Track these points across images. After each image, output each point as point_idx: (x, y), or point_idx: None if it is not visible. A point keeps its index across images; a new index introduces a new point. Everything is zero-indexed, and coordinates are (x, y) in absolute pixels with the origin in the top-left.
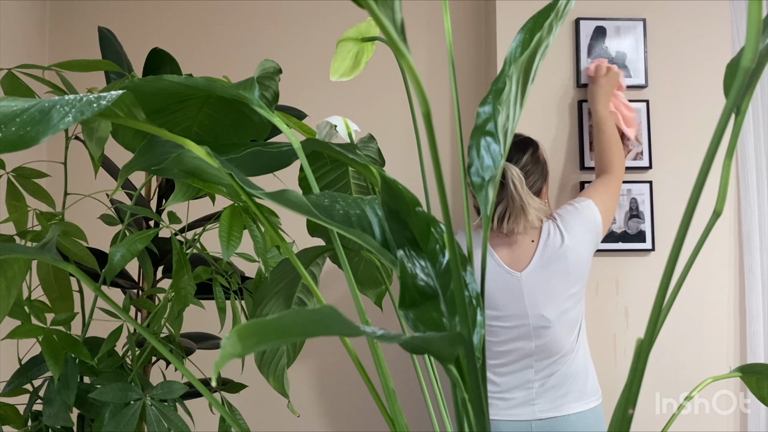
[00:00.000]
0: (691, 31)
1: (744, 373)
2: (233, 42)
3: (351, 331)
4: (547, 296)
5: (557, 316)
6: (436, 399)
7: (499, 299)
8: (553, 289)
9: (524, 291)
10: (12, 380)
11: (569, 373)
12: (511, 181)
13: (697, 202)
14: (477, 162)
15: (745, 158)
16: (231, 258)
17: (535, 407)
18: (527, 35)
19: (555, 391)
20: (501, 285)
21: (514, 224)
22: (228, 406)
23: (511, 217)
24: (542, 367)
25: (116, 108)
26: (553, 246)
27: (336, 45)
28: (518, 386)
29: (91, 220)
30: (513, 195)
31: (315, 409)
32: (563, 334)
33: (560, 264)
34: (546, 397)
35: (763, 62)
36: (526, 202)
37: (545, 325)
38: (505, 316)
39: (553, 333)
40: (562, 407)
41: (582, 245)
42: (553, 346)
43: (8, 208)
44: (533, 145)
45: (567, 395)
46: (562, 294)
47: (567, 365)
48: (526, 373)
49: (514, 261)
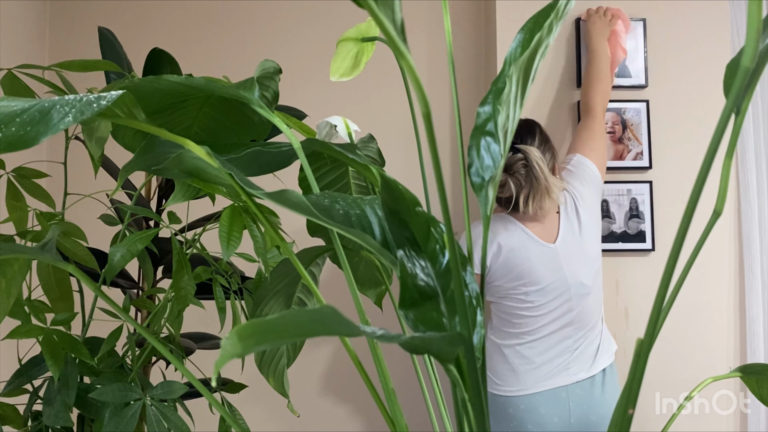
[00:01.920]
0: (691, 31)
1: (744, 373)
2: (233, 42)
3: (351, 331)
4: (582, 261)
5: (593, 280)
6: (436, 399)
7: (540, 272)
8: (586, 252)
9: (561, 260)
10: (12, 380)
11: (597, 335)
12: (536, 163)
13: (697, 202)
14: (477, 162)
15: (745, 158)
16: (231, 258)
17: (570, 371)
18: (527, 35)
19: (588, 354)
20: (540, 258)
21: (538, 206)
22: (228, 406)
23: (536, 198)
24: (579, 335)
25: (116, 108)
26: (572, 212)
27: (336, 45)
28: (556, 356)
29: (91, 220)
30: (538, 176)
31: (315, 409)
32: (597, 298)
33: (582, 226)
34: (580, 360)
35: (763, 62)
36: (551, 182)
37: (585, 293)
38: (547, 288)
39: (591, 299)
40: (593, 367)
41: (590, 202)
42: (590, 312)
43: (8, 208)
44: (538, 125)
45: (597, 355)
46: (592, 254)
47: (597, 329)
48: (564, 343)
49: (545, 234)
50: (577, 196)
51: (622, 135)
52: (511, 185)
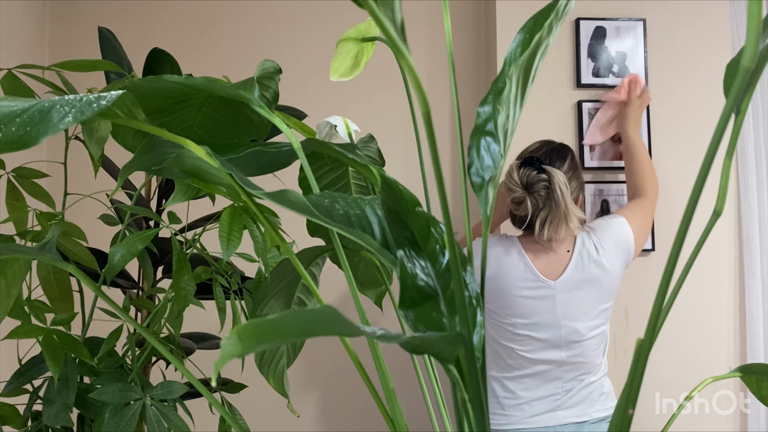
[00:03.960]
0: (691, 31)
1: (744, 373)
2: (233, 42)
3: (351, 331)
4: (580, 309)
5: (589, 330)
6: (436, 399)
7: (531, 306)
8: (586, 302)
9: (557, 301)
10: (12, 380)
11: (595, 386)
12: (558, 187)
13: (697, 202)
14: (477, 162)
15: (745, 158)
16: (231, 258)
17: (559, 413)
18: (527, 35)
19: (580, 400)
20: (534, 293)
21: (554, 232)
22: (228, 406)
23: (553, 223)
24: (570, 378)
25: (116, 108)
26: (587, 257)
27: (336, 45)
28: (545, 396)
29: (91, 220)
30: (559, 201)
31: (315, 409)
32: (593, 349)
33: (594, 277)
34: (571, 404)
35: (763, 62)
36: (570, 209)
37: (576, 339)
38: (537, 325)
39: (583, 347)
40: (585, 413)
41: (614, 261)
42: (583, 359)
43: (8, 208)
44: (571, 152)
45: (593, 405)
46: (594, 308)
47: (594, 380)
48: (554, 384)
49: (548, 269)
50: (599, 246)
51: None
52: (529, 204)
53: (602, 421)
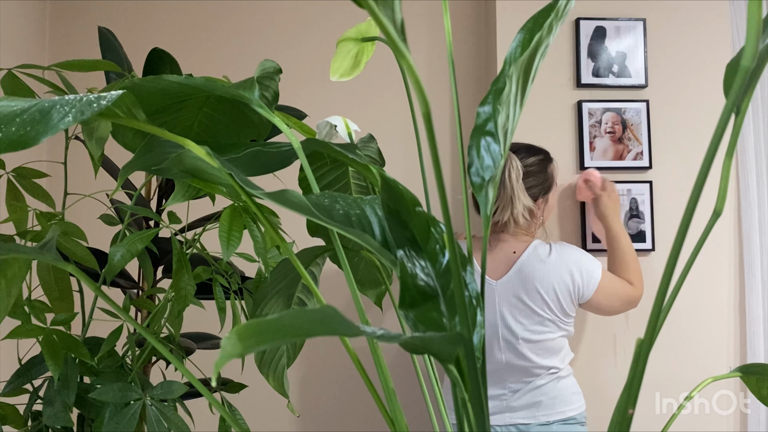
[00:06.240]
0: (691, 31)
1: (744, 373)
2: (233, 42)
3: (351, 331)
4: (517, 311)
5: (528, 335)
6: (436, 399)
7: None
8: (525, 307)
9: (496, 300)
10: (12, 380)
11: (546, 390)
12: (508, 169)
13: (697, 202)
14: (477, 162)
15: (745, 158)
16: (231, 258)
17: (506, 414)
18: (527, 35)
19: (529, 403)
20: None
21: (500, 215)
22: (228, 406)
23: (498, 207)
24: (515, 381)
25: (116, 108)
26: (534, 263)
27: (336, 45)
28: (493, 396)
29: (91, 220)
30: (505, 183)
31: (315, 409)
32: (535, 355)
33: (535, 284)
34: (519, 406)
35: (763, 62)
36: (517, 194)
37: (512, 341)
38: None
39: (521, 350)
40: (533, 416)
41: (561, 280)
42: (525, 364)
43: (8, 208)
44: (546, 155)
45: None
46: (533, 315)
47: (542, 383)
48: (501, 385)
49: (491, 268)
50: (556, 257)
51: (622, 135)
52: None
53: (551, 425)
